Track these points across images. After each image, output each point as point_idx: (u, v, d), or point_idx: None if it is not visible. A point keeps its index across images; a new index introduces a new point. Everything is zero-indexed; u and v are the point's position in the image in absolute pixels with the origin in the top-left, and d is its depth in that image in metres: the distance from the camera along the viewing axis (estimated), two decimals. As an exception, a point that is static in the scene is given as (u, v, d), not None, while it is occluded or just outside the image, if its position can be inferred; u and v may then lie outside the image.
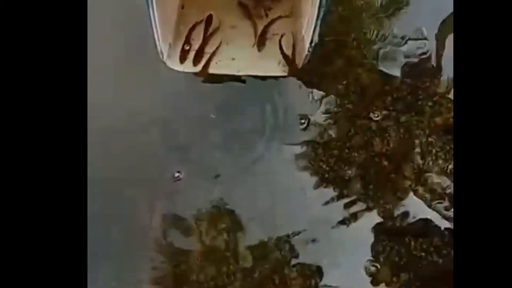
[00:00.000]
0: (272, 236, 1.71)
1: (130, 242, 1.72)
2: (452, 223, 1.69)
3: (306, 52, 1.73)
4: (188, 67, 1.84)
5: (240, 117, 1.90)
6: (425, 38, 1.96)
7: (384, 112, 1.88)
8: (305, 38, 1.76)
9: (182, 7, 1.97)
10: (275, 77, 1.88)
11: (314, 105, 1.90)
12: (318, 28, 1.63)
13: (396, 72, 1.93)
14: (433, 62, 1.94)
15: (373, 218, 1.74)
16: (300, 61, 1.79)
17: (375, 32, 1.99)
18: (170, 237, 1.73)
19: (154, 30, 1.64)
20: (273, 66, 1.84)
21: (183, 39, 1.87)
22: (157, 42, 1.69)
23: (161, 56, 1.75)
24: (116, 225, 1.73)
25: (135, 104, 1.90)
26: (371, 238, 1.71)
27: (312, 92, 1.92)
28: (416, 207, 1.75)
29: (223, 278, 1.66)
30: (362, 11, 2.02)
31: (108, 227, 1.71)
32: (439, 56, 1.94)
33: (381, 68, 1.94)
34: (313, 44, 1.68)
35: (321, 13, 1.59)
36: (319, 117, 1.88)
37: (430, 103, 1.89)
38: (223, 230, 1.72)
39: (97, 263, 1.60)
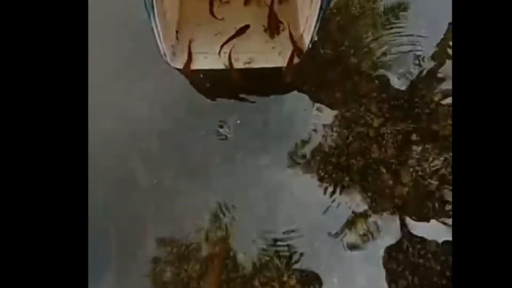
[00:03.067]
0: (271, 243, 1.71)
1: (130, 250, 1.71)
2: (450, 230, 1.70)
3: (306, 48, 1.80)
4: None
5: (241, 125, 1.91)
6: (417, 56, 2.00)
7: (381, 119, 1.89)
8: (304, 37, 1.82)
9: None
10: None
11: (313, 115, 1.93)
12: (317, 27, 1.69)
13: (394, 81, 1.95)
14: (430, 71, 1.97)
15: (371, 225, 1.74)
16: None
17: (373, 41, 2.01)
18: (170, 244, 1.72)
19: (157, 35, 1.69)
20: (275, 57, 1.90)
21: (186, 40, 1.93)
22: (160, 46, 1.75)
23: (164, 58, 1.81)
24: (116, 232, 1.72)
25: (136, 111, 1.92)
26: (369, 245, 1.71)
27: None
28: (413, 213, 1.75)
29: (223, 285, 1.66)
30: (360, 21, 2.04)
31: (108, 234, 1.70)
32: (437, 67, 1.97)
33: (378, 76, 1.96)
34: (312, 41, 1.75)
35: (321, 15, 1.63)
36: (318, 125, 1.90)
37: (427, 111, 1.91)
38: (222, 238, 1.72)
39: (98, 270, 1.61)
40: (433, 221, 1.75)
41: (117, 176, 1.81)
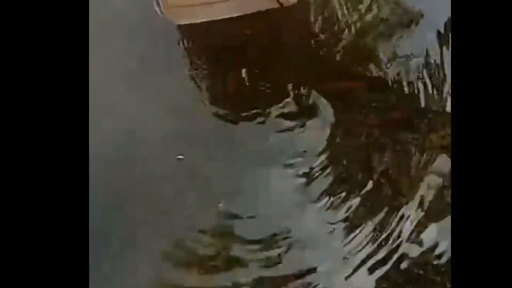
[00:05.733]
0: (273, 249, 1.70)
1: (131, 256, 1.69)
2: (449, 240, 1.69)
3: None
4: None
5: (241, 132, 1.92)
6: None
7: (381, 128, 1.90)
8: None
9: None
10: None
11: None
12: None
13: (394, 89, 1.98)
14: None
15: (370, 233, 1.73)
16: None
17: (375, 49, 2.05)
18: (172, 252, 1.70)
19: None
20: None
21: None
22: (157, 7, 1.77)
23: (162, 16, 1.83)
24: (117, 240, 1.71)
25: (137, 111, 1.92)
26: (370, 255, 1.69)
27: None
28: (413, 222, 1.74)
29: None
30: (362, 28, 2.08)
31: (109, 243, 1.69)
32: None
33: (379, 84, 1.99)
34: None
35: None
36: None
37: (425, 120, 1.92)
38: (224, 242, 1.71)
39: (98, 276, 1.58)
40: (433, 231, 1.73)
41: (117, 177, 1.80)
